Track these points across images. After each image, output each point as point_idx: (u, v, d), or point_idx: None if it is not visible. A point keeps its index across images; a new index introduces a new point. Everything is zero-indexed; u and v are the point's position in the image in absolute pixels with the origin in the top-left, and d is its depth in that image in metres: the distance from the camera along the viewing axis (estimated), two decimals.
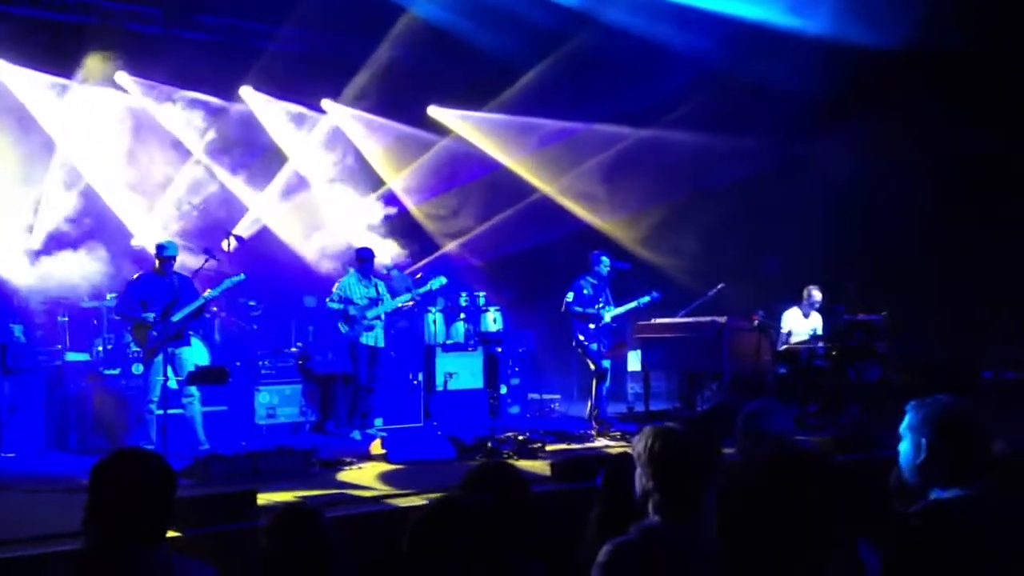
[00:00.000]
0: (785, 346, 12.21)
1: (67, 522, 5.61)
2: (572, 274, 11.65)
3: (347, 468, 8.84)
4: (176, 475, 3.22)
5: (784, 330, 12.36)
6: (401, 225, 14.87)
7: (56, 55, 12.68)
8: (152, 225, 13.15)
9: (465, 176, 15.56)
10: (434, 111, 15.65)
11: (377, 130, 15.28)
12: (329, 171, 14.80)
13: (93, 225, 12.51)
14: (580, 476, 7.46)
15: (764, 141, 13.29)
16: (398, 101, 14.79)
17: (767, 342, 12.05)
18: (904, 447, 3.37)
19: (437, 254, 15.09)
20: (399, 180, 15.37)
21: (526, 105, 14.76)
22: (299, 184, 14.70)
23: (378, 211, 14.55)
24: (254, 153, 14.40)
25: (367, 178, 15.09)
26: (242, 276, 10.05)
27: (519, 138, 15.45)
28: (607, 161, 14.94)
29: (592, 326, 11.38)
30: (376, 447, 9.35)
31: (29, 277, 11.57)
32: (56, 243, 12.03)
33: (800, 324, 12.32)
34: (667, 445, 3.22)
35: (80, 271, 11.48)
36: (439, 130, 15.66)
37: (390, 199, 15.10)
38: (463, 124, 15.68)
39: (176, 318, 9.44)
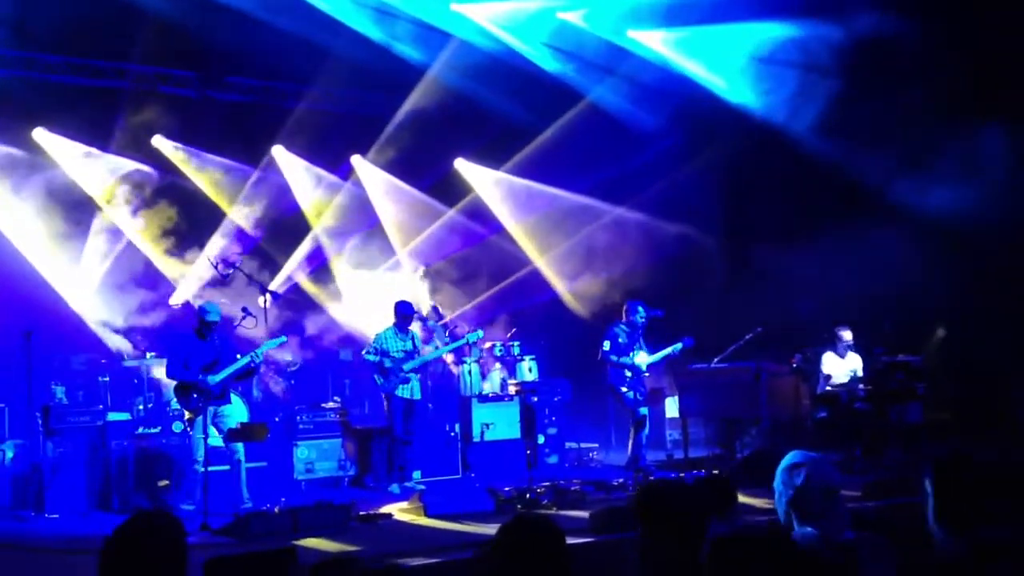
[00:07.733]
0: (825, 389, 12.09)
1: None
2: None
3: (386, 522, 8.84)
4: (187, 546, 3.18)
5: (824, 373, 12.23)
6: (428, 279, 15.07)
7: (93, 120, 12.95)
8: (189, 284, 13.32)
9: (489, 229, 15.80)
10: (461, 164, 15.83)
11: (400, 191, 15.45)
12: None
13: (134, 283, 12.78)
14: (619, 526, 7.40)
15: None
16: (423, 157, 14.95)
17: (805, 386, 11.95)
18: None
19: (469, 306, 15.10)
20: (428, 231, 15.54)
21: (548, 165, 14.98)
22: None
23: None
24: (287, 211, 14.58)
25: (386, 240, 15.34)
26: (283, 338, 10.20)
27: (538, 196, 15.66)
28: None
29: (628, 374, 11.35)
30: (414, 500, 9.35)
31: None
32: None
33: (838, 367, 12.16)
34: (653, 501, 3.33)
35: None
36: (462, 186, 15.85)
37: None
38: (490, 180, 15.84)
39: (217, 379, 9.52)
